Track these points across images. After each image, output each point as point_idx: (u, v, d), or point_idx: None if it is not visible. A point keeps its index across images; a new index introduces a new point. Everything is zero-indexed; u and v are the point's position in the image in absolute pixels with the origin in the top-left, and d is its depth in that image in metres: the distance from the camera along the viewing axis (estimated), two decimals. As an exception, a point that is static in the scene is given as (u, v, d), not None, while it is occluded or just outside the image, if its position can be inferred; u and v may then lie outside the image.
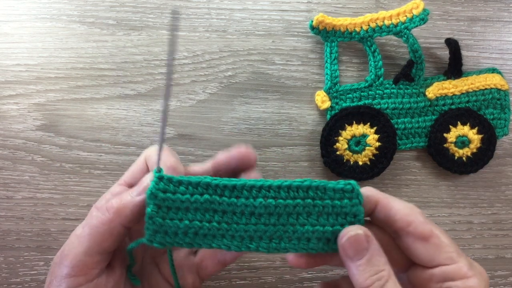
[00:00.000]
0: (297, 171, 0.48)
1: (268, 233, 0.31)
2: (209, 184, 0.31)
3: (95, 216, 0.32)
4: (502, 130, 0.49)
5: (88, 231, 0.32)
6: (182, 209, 0.31)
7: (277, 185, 0.31)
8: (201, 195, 0.31)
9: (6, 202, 0.46)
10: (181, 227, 0.31)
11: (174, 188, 0.31)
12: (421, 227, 0.31)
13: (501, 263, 0.49)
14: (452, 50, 0.48)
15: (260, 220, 0.31)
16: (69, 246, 0.32)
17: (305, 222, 0.31)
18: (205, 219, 0.31)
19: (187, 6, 0.49)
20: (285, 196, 0.31)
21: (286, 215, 0.31)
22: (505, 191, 0.50)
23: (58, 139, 0.47)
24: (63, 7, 0.48)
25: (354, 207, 0.31)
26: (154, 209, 0.31)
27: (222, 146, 0.48)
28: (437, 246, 0.30)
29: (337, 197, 0.31)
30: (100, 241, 0.32)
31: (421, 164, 0.49)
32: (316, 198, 0.31)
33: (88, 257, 0.31)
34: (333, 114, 0.48)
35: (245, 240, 0.31)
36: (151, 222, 0.31)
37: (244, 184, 0.31)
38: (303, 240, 0.32)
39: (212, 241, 0.31)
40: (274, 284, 0.47)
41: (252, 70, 0.48)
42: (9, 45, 0.47)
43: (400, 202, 0.32)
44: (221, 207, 0.31)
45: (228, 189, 0.31)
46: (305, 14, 0.49)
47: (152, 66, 0.48)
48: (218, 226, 0.31)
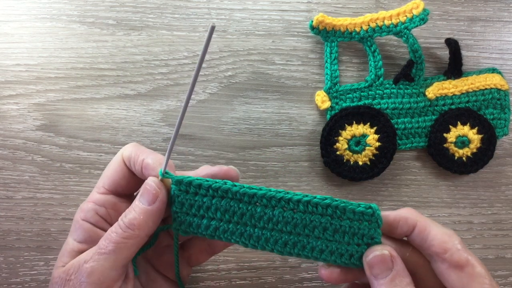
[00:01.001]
0: (297, 171, 0.48)
1: (284, 238, 0.32)
2: (229, 190, 0.32)
3: (115, 233, 0.32)
4: (502, 130, 0.49)
5: (113, 247, 0.31)
6: (204, 207, 0.33)
7: (297, 199, 0.32)
8: (222, 198, 0.33)
9: (6, 202, 0.46)
10: (203, 223, 0.33)
11: (195, 189, 0.33)
12: (457, 255, 0.31)
13: (501, 263, 0.49)
14: (452, 50, 0.48)
15: (277, 226, 0.32)
16: (93, 263, 0.31)
17: (320, 236, 0.32)
18: (224, 218, 0.33)
19: (187, 6, 0.49)
20: (303, 210, 0.32)
21: (302, 226, 0.32)
22: (505, 191, 0.50)
23: (58, 139, 0.47)
24: (63, 7, 0.48)
25: (372, 230, 0.32)
26: (178, 206, 0.34)
27: (222, 146, 0.48)
28: (471, 275, 0.30)
29: (356, 218, 0.32)
30: (126, 255, 0.32)
31: (421, 164, 0.49)
32: (334, 216, 0.32)
33: (114, 271, 0.32)
34: (333, 114, 0.48)
35: (261, 241, 0.33)
36: (176, 216, 0.34)
37: (264, 194, 0.32)
38: (317, 250, 0.32)
39: (231, 237, 0.33)
40: (274, 284, 0.47)
41: (252, 70, 0.48)
42: (9, 45, 0.47)
43: (439, 227, 0.32)
44: (240, 210, 0.33)
45: (247, 196, 0.32)
46: (305, 14, 0.49)
47: (152, 66, 0.48)
48: (236, 227, 0.33)
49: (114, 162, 0.36)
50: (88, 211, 0.34)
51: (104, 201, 0.35)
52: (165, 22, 0.48)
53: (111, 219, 0.35)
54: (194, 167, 0.47)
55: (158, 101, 0.48)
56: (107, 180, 0.35)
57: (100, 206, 0.35)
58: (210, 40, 0.27)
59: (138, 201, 0.33)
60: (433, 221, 0.33)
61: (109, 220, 0.35)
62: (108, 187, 0.35)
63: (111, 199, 0.35)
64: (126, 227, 0.32)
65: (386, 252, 0.31)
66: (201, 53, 0.27)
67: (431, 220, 0.33)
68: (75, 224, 0.35)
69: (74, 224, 0.35)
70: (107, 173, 0.36)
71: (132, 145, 0.36)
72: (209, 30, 0.26)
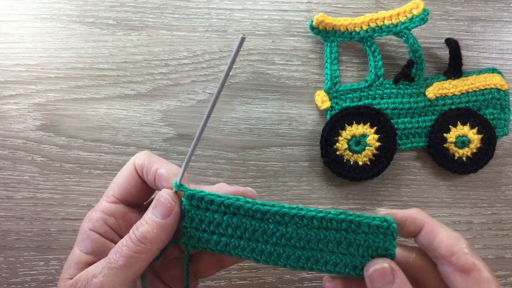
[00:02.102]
0: (297, 171, 0.48)
1: (297, 254, 0.32)
2: (242, 207, 0.32)
3: (126, 246, 0.31)
4: (502, 130, 0.49)
5: (123, 261, 0.30)
6: (214, 223, 0.32)
7: (311, 216, 0.31)
8: (233, 215, 0.32)
9: (6, 202, 0.46)
10: (213, 239, 0.33)
11: (206, 205, 0.32)
12: (464, 259, 0.31)
13: (501, 263, 0.49)
14: (452, 50, 0.48)
15: (290, 242, 0.32)
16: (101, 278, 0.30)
17: (334, 250, 0.32)
18: (236, 235, 0.32)
19: (187, 6, 0.48)
20: (318, 226, 0.31)
21: (316, 241, 0.32)
22: (505, 191, 0.50)
23: (58, 139, 0.47)
24: (63, 7, 0.48)
25: (387, 243, 0.32)
26: (188, 221, 0.33)
27: (222, 146, 0.48)
28: (477, 280, 0.30)
29: (371, 232, 0.31)
30: (137, 269, 0.31)
31: (421, 164, 0.49)
32: (349, 231, 0.31)
33: (125, 286, 0.31)
34: (333, 114, 0.48)
35: (273, 256, 0.32)
36: (185, 231, 0.33)
37: (278, 211, 0.31)
38: (330, 264, 0.32)
39: (242, 253, 0.32)
40: (274, 284, 0.47)
41: (252, 70, 0.48)
42: (9, 45, 0.47)
43: (447, 230, 0.32)
44: (252, 227, 0.32)
45: (260, 213, 0.32)
46: (305, 14, 0.49)
47: (152, 66, 0.48)
48: (247, 243, 0.32)
49: (126, 170, 0.35)
50: (97, 220, 0.33)
51: (113, 211, 0.34)
52: (165, 22, 0.48)
53: (120, 230, 0.34)
54: (194, 167, 0.47)
55: (158, 101, 0.48)
56: (118, 189, 0.34)
57: (109, 215, 0.34)
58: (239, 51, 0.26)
59: (151, 214, 0.32)
60: (441, 223, 0.33)
61: (118, 231, 0.34)
62: (118, 195, 0.34)
63: (121, 209, 0.34)
64: (138, 240, 0.31)
65: (386, 265, 0.31)
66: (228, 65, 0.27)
67: (439, 223, 0.33)
68: (82, 234, 0.33)
69: (81, 234, 0.33)
70: (118, 181, 0.34)
71: (145, 153, 0.35)
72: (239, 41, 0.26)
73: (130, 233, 0.31)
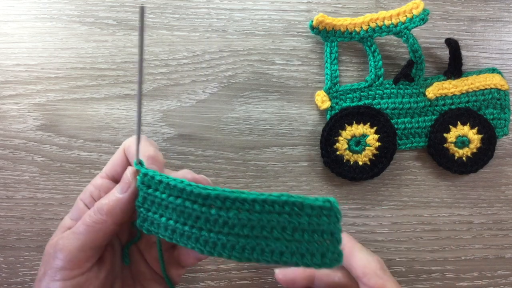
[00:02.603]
0: (297, 171, 0.48)
1: (241, 243, 0.30)
2: (184, 189, 0.31)
3: (88, 215, 0.34)
4: (502, 130, 0.49)
5: (83, 228, 0.33)
6: (162, 206, 0.32)
7: (252, 199, 0.29)
8: (176, 198, 0.31)
9: (6, 202, 0.46)
10: (162, 222, 0.32)
11: (156, 185, 0.32)
12: (374, 280, 0.33)
13: (501, 263, 0.49)
14: (452, 50, 0.48)
15: (233, 230, 0.30)
16: (64, 241, 0.33)
17: (279, 237, 0.30)
18: (180, 221, 0.32)
19: (187, 6, 0.48)
20: (260, 210, 0.29)
21: (260, 227, 0.30)
22: (505, 191, 0.50)
23: (58, 139, 0.47)
24: (63, 7, 0.48)
25: (331, 225, 0.29)
26: (140, 200, 0.33)
27: (222, 146, 0.48)
28: None
29: (314, 214, 0.29)
30: (94, 238, 0.33)
31: (421, 164, 0.49)
32: (292, 214, 0.29)
33: (82, 252, 0.33)
34: (333, 114, 0.48)
35: (217, 247, 0.31)
36: (139, 211, 0.34)
37: (218, 195, 0.30)
38: (276, 253, 0.30)
39: (187, 241, 0.31)
40: (274, 284, 0.47)
41: (252, 70, 0.48)
42: (9, 45, 0.47)
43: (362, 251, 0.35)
44: (195, 212, 0.31)
45: (201, 197, 0.30)
46: (305, 14, 0.49)
47: (152, 66, 0.48)
48: (191, 231, 0.31)
49: (118, 150, 0.38)
50: (85, 192, 0.37)
51: (100, 185, 0.37)
52: (165, 22, 0.48)
53: None
54: (194, 167, 0.47)
55: (158, 101, 0.48)
56: (108, 166, 0.37)
57: (96, 189, 0.36)
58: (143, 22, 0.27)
59: (115, 189, 0.34)
60: (361, 246, 0.36)
61: None
62: (108, 172, 0.37)
63: (107, 184, 0.37)
64: (97, 211, 0.33)
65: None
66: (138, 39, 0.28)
67: (359, 245, 0.35)
68: (75, 203, 0.37)
69: (75, 203, 0.37)
70: (111, 160, 0.38)
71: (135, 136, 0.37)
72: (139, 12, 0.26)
73: (94, 204, 0.34)
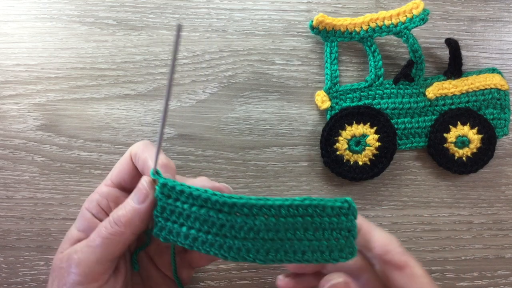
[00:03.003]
0: (297, 171, 0.48)
1: (266, 247, 0.31)
2: (208, 199, 0.31)
3: (104, 227, 0.33)
4: (502, 130, 0.49)
5: (99, 241, 0.32)
6: (184, 215, 0.32)
7: (278, 205, 0.31)
8: (200, 207, 0.32)
9: (6, 202, 0.46)
10: (182, 231, 0.32)
11: (176, 195, 0.32)
12: (397, 257, 0.33)
13: (501, 263, 0.49)
14: (452, 50, 0.48)
15: (258, 235, 0.31)
16: (79, 254, 0.32)
17: (301, 237, 0.32)
18: (203, 229, 0.32)
19: (187, 6, 0.48)
20: (285, 214, 0.31)
21: (284, 230, 0.31)
22: (505, 191, 0.50)
23: (58, 139, 0.47)
24: (63, 7, 0.48)
25: (349, 223, 0.32)
26: (159, 210, 0.33)
27: (222, 146, 0.48)
28: (410, 276, 0.33)
29: (334, 214, 0.32)
30: (112, 251, 0.33)
31: (421, 164, 0.49)
32: (314, 215, 0.32)
33: (100, 265, 0.32)
34: (333, 114, 0.48)
35: (242, 252, 0.31)
36: (156, 220, 0.33)
37: (245, 203, 0.31)
38: (299, 253, 0.32)
39: (210, 249, 0.32)
40: (274, 284, 0.47)
41: (252, 70, 0.48)
42: (9, 45, 0.47)
43: (381, 231, 0.35)
44: (220, 221, 0.31)
45: (227, 206, 0.31)
46: (305, 14, 0.49)
47: (152, 66, 0.48)
48: (215, 238, 0.32)
49: (123, 157, 0.37)
50: (92, 201, 0.36)
51: (107, 194, 0.36)
52: (165, 22, 0.48)
53: (110, 212, 0.35)
54: (194, 167, 0.47)
55: (158, 101, 0.48)
56: (114, 174, 0.37)
57: (103, 198, 0.36)
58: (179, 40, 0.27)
59: (130, 199, 0.33)
60: (375, 225, 0.35)
61: (109, 212, 0.36)
62: (114, 180, 0.37)
63: (114, 193, 0.36)
64: (114, 223, 0.32)
65: (341, 280, 0.32)
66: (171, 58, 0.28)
67: (373, 224, 0.35)
68: (80, 213, 0.36)
69: (80, 212, 0.36)
70: (116, 167, 0.37)
71: (142, 142, 0.37)
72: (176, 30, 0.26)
73: (109, 215, 0.33)
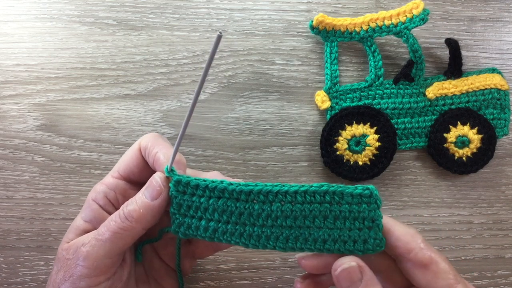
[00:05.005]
0: (297, 171, 0.48)
1: (285, 234, 0.32)
2: (226, 189, 0.32)
3: (114, 221, 0.33)
4: (502, 130, 0.49)
5: (109, 235, 0.32)
6: (201, 209, 0.33)
7: (294, 191, 0.31)
8: (218, 199, 0.32)
9: (6, 202, 0.46)
10: (201, 225, 0.33)
11: (192, 190, 0.33)
12: (421, 254, 0.31)
13: (501, 263, 0.49)
14: (452, 50, 0.48)
15: (276, 222, 0.32)
16: (88, 248, 0.32)
17: (321, 225, 0.32)
18: (223, 220, 0.32)
19: (187, 6, 0.48)
20: (302, 201, 0.31)
21: (302, 217, 0.32)
22: (505, 191, 0.50)
23: (58, 139, 0.47)
24: (63, 7, 0.48)
25: (372, 212, 0.31)
26: (176, 207, 0.33)
27: (222, 146, 0.48)
28: (435, 273, 0.31)
29: (355, 202, 0.31)
30: (122, 245, 0.33)
31: (421, 164, 0.49)
32: (333, 203, 0.31)
33: (109, 259, 0.32)
34: (333, 114, 0.48)
35: (262, 239, 0.32)
36: (174, 217, 0.33)
37: (261, 190, 0.31)
38: (319, 241, 0.32)
39: (230, 238, 0.33)
40: (274, 284, 0.47)
41: (252, 70, 0.48)
42: (9, 45, 0.47)
43: (402, 227, 0.33)
44: (238, 210, 0.32)
45: (244, 194, 0.32)
46: (305, 14, 0.49)
47: (152, 66, 0.48)
48: (235, 227, 0.32)
49: (131, 149, 0.37)
50: (99, 192, 0.35)
51: (115, 186, 0.36)
52: (165, 22, 0.48)
53: (118, 204, 0.36)
54: (194, 167, 0.47)
55: (158, 101, 0.48)
56: (122, 166, 0.36)
57: (110, 190, 0.36)
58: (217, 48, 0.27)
59: (141, 194, 0.33)
60: (395, 221, 0.33)
61: (116, 204, 0.36)
62: (122, 172, 0.36)
63: (122, 185, 0.36)
64: (125, 217, 0.32)
65: (354, 264, 0.31)
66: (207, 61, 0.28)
67: (393, 220, 0.33)
68: (86, 203, 0.35)
69: (85, 202, 0.36)
70: (124, 159, 0.37)
71: (151, 135, 0.37)
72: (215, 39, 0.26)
73: (120, 209, 0.33)
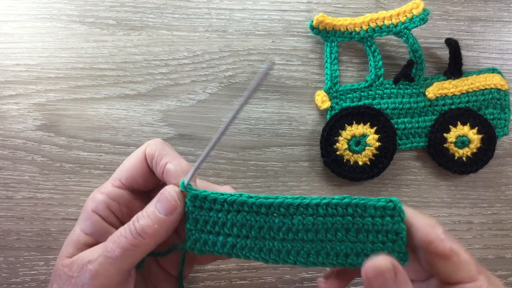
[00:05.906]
0: (297, 171, 0.48)
1: (306, 248, 0.31)
2: (245, 202, 0.31)
3: (124, 237, 0.30)
4: (502, 130, 0.49)
5: (120, 252, 0.30)
6: (219, 224, 0.32)
7: (316, 203, 0.30)
8: (237, 212, 0.31)
9: (6, 202, 0.46)
10: (219, 240, 0.32)
11: (209, 205, 0.31)
12: (441, 246, 0.30)
13: (501, 263, 0.49)
14: (452, 50, 0.48)
15: (297, 236, 0.31)
16: (96, 266, 0.30)
17: (343, 239, 0.31)
18: (241, 234, 0.31)
19: (187, 6, 0.48)
20: (323, 214, 0.30)
21: (324, 231, 0.31)
22: (505, 191, 0.50)
23: (58, 139, 0.47)
24: (63, 7, 0.48)
25: (396, 225, 0.30)
26: (192, 223, 0.32)
27: (222, 146, 0.48)
28: (456, 264, 0.30)
29: (378, 214, 0.30)
30: (132, 261, 0.31)
31: (421, 164, 0.49)
32: (355, 215, 0.30)
33: (119, 277, 0.31)
34: (333, 114, 0.48)
35: (282, 254, 0.31)
36: (190, 233, 0.32)
37: (282, 202, 0.31)
38: (342, 255, 0.31)
39: (249, 253, 0.31)
40: (274, 284, 0.47)
41: (252, 70, 0.48)
42: (9, 45, 0.47)
43: (422, 218, 0.32)
44: (258, 223, 0.31)
45: (264, 207, 0.31)
46: (305, 14, 0.49)
47: (152, 66, 0.48)
48: (255, 242, 0.31)
49: (135, 157, 0.34)
50: (100, 203, 0.33)
51: (118, 196, 0.33)
52: (165, 22, 0.48)
53: (122, 216, 0.34)
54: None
55: (158, 101, 0.48)
56: (125, 174, 0.34)
57: (112, 200, 0.33)
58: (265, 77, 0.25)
59: (154, 208, 0.31)
60: (414, 211, 0.32)
61: (120, 216, 0.34)
62: (125, 181, 0.34)
63: (125, 195, 0.34)
64: (138, 233, 0.30)
65: (389, 265, 0.28)
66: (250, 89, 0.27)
67: (413, 210, 0.32)
68: (85, 214, 0.33)
69: (83, 213, 0.33)
70: (126, 167, 0.34)
71: (157, 142, 0.34)
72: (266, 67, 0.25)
73: (130, 223, 0.31)
